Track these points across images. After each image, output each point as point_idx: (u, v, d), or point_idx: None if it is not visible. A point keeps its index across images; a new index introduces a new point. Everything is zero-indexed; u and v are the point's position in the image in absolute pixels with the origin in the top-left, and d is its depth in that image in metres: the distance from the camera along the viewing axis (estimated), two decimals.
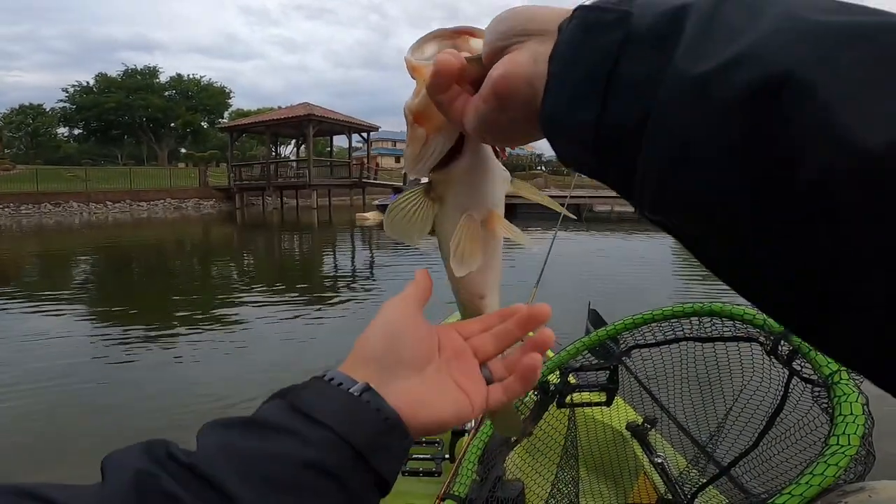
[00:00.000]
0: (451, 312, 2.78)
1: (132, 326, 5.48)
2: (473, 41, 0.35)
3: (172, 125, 44.12)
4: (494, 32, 0.29)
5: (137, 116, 41.37)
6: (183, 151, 49.56)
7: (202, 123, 45.49)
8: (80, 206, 22.87)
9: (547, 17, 0.28)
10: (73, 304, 6.64)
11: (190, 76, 45.37)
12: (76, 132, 46.36)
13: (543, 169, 43.68)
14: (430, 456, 1.26)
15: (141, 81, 42.01)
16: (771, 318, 0.23)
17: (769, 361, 0.81)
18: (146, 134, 43.01)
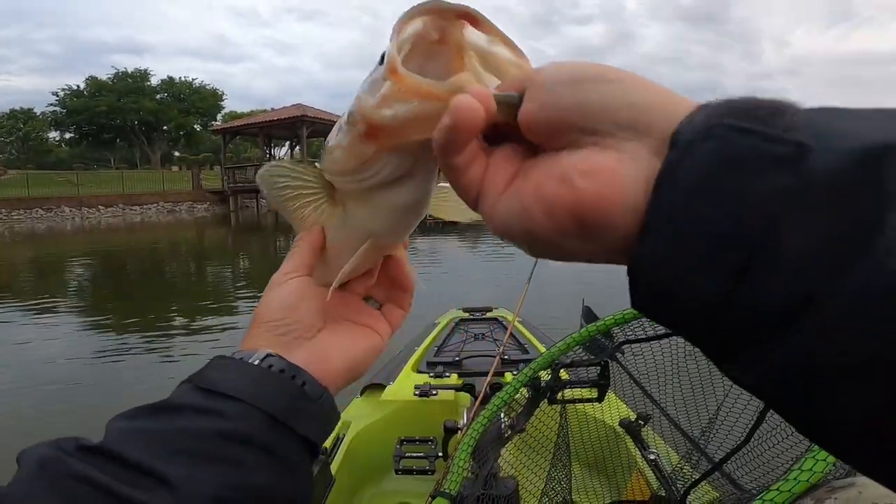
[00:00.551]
0: (442, 311, 2.77)
1: (126, 331, 5.44)
2: (470, 32, 0.27)
3: (165, 128, 43.84)
4: (569, 98, 0.21)
5: (129, 120, 41.06)
6: (176, 154, 49.31)
7: (195, 126, 45.21)
8: (72, 210, 22.66)
9: (660, 106, 0.19)
10: (66, 308, 6.59)
11: (181, 79, 45.11)
12: (67, 136, 45.93)
13: None
14: (423, 454, 1.25)
15: (132, 85, 41.68)
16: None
17: None
18: (138, 137, 42.71)
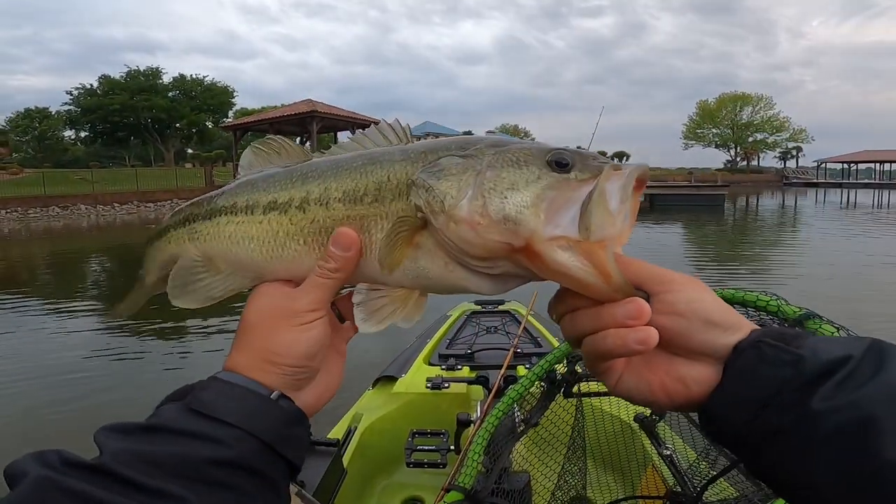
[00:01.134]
0: (452, 308, 2.76)
1: (139, 325, 5.51)
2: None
3: (177, 126, 44.27)
4: (702, 335, 0.35)
5: (142, 118, 41.50)
6: (189, 151, 49.76)
7: (207, 123, 45.60)
8: (87, 208, 22.98)
9: (735, 330, 0.35)
10: (80, 303, 6.69)
11: (193, 76, 45.53)
12: (83, 135, 46.59)
13: None
14: (434, 447, 1.25)
15: (144, 83, 42.11)
16: None
17: None
18: (151, 135, 43.16)
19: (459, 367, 1.87)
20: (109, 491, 0.29)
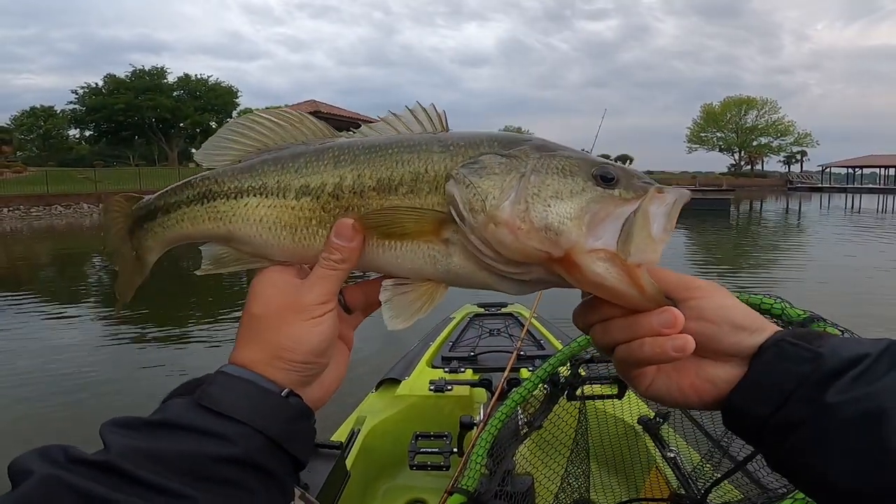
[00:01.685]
0: (457, 307, 2.76)
1: (142, 322, 5.52)
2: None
3: (182, 125, 44.39)
4: (731, 339, 0.37)
5: (147, 117, 41.65)
6: (193, 151, 49.81)
7: (211, 123, 45.68)
8: (90, 207, 23.06)
9: (759, 333, 0.37)
10: (81, 300, 6.71)
11: (197, 76, 45.65)
12: (87, 134, 46.77)
13: None
14: (437, 450, 1.25)
15: (149, 82, 42.27)
16: None
17: None
18: (156, 134, 43.30)
19: (462, 369, 1.87)
20: (115, 489, 0.28)
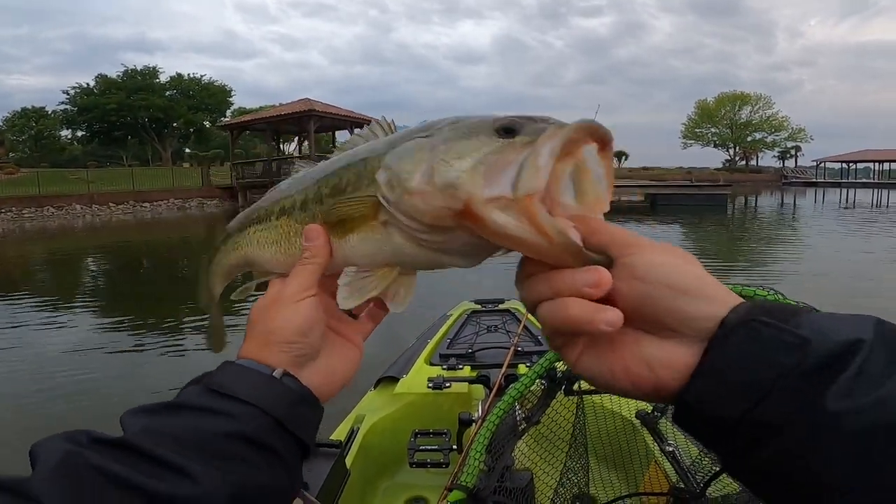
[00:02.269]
0: (454, 304, 2.76)
1: (136, 325, 5.51)
2: (589, 150, 0.34)
3: (175, 125, 44.14)
4: (668, 303, 0.30)
5: (139, 117, 41.35)
6: (187, 151, 49.64)
7: (205, 123, 45.48)
8: (82, 208, 22.91)
9: (719, 301, 0.30)
10: (75, 303, 6.68)
11: (190, 75, 45.36)
12: (80, 134, 46.41)
13: None
14: (437, 447, 1.25)
15: (141, 82, 41.95)
16: None
17: None
18: (149, 134, 43.04)
19: (460, 366, 1.87)
20: (132, 467, 0.31)
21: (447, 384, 1.58)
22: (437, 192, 0.33)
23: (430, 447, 1.26)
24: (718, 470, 0.90)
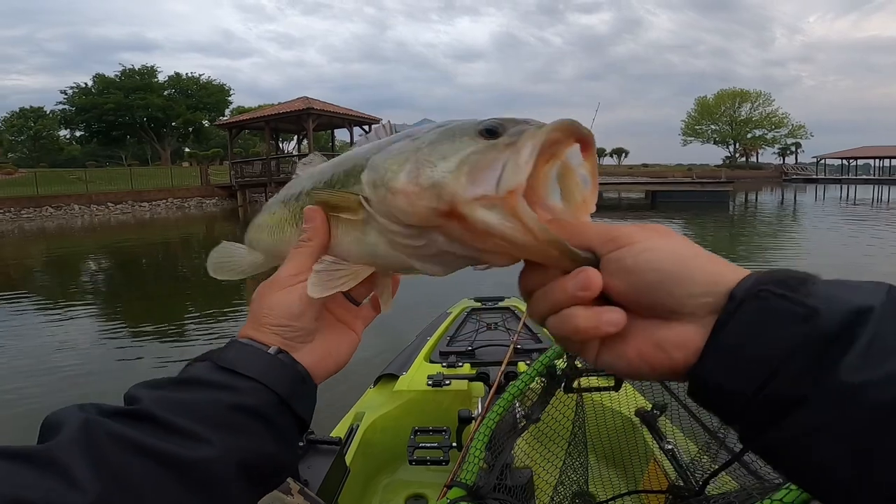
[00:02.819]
0: (457, 300, 2.77)
1: (136, 323, 5.50)
2: (574, 152, 0.34)
3: (174, 124, 44.05)
4: (658, 290, 0.30)
5: (138, 116, 41.26)
6: (186, 150, 49.56)
7: (203, 122, 45.39)
8: (81, 208, 22.83)
9: (721, 277, 0.30)
10: (74, 302, 6.68)
11: (188, 75, 45.30)
12: (78, 134, 46.31)
13: None
14: (437, 444, 1.25)
15: (139, 81, 41.85)
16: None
17: None
18: (147, 134, 42.96)
19: (460, 364, 1.87)
20: (147, 434, 0.33)
21: (447, 381, 1.59)
22: (422, 192, 0.34)
23: (430, 444, 1.26)
24: (717, 468, 0.90)
